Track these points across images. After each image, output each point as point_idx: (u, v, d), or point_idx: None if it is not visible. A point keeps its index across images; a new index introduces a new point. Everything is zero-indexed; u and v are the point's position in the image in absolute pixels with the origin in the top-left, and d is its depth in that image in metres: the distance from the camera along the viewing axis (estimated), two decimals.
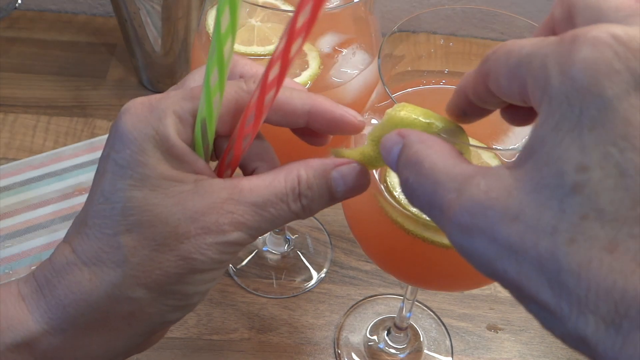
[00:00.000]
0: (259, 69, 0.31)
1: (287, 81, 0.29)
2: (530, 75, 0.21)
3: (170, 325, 0.30)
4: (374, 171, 0.36)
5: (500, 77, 0.23)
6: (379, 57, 0.35)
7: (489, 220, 0.20)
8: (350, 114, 0.30)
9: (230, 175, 0.29)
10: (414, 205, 0.24)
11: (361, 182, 0.29)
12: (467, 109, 0.28)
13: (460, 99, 0.27)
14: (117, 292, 0.26)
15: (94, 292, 0.26)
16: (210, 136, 0.28)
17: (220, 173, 0.29)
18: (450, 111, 0.28)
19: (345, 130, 0.30)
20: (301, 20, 0.24)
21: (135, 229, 0.26)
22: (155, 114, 0.27)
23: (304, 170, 0.28)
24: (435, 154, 0.24)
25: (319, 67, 0.42)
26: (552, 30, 0.25)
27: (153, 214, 0.26)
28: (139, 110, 0.27)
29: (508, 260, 0.20)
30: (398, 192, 0.36)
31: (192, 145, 0.28)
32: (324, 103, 0.29)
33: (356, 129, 0.30)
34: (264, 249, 0.64)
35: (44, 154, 0.68)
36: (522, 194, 0.19)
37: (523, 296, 0.21)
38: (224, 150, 0.29)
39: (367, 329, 0.58)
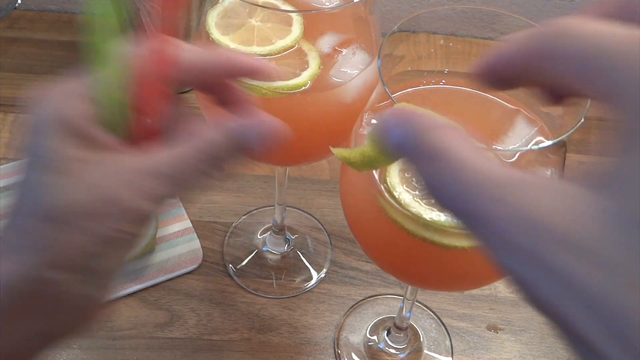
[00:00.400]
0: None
1: (187, 45, 0.30)
2: (615, 77, 0.17)
3: (102, 305, 0.30)
4: (374, 171, 0.36)
5: (565, 64, 0.19)
6: (379, 57, 0.35)
7: (551, 248, 0.17)
8: (253, 57, 0.31)
9: (147, 146, 0.30)
10: (435, 201, 0.20)
11: (270, 142, 0.30)
12: (496, 79, 0.24)
13: (498, 65, 0.23)
14: (35, 275, 0.27)
15: (14, 278, 0.27)
16: (120, 110, 0.28)
17: (135, 144, 0.30)
18: (481, 74, 0.24)
19: (251, 72, 0.31)
20: None
21: (46, 212, 0.27)
22: (57, 97, 0.28)
23: (213, 135, 0.29)
24: (461, 146, 0.20)
25: (319, 67, 0.42)
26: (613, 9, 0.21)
27: (61, 196, 0.27)
28: (42, 97, 0.28)
29: (569, 301, 0.17)
30: (398, 192, 0.36)
31: (106, 122, 0.28)
32: (223, 51, 0.31)
33: (260, 69, 0.31)
34: (263, 249, 0.64)
35: None
36: (604, 227, 0.16)
37: (571, 334, 0.19)
38: (139, 121, 0.30)
39: (367, 329, 0.58)
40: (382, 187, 0.36)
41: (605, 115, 0.18)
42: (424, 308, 0.59)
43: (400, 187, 0.36)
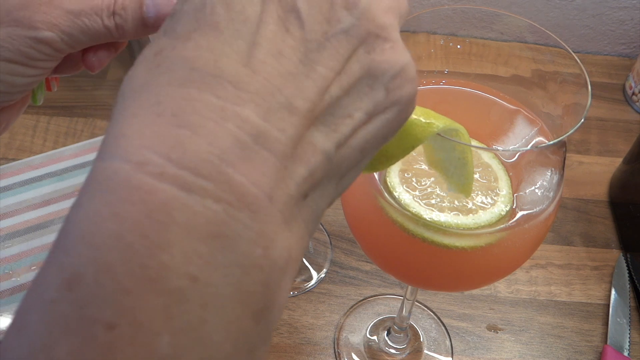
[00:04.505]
0: None
1: None
2: None
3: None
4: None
5: None
6: None
7: None
8: None
9: None
10: None
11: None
12: None
13: None
14: None
15: None
16: None
17: None
18: None
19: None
20: None
21: None
22: None
23: None
24: None
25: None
26: None
27: None
28: None
29: None
30: (398, 192, 0.36)
31: None
32: None
33: None
34: None
35: (44, 154, 0.68)
36: None
37: None
38: None
39: (367, 329, 0.58)
40: (382, 187, 0.36)
41: (605, 115, 0.18)
42: (424, 308, 0.59)
43: (400, 187, 0.36)
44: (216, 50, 0.18)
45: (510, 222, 0.36)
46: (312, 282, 0.61)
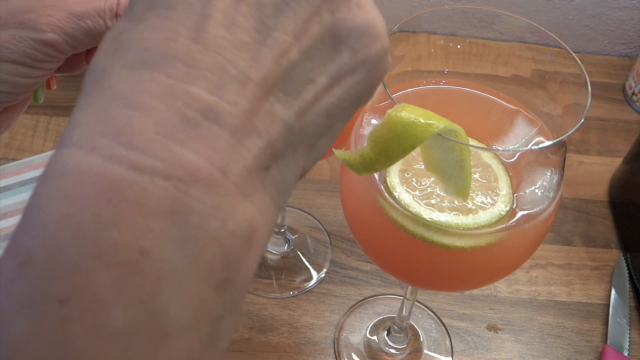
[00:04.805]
0: None
1: None
2: None
3: None
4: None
5: None
6: None
7: None
8: None
9: None
10: None
11: None
12: None
13: None
14: None
15: None
16: None
17: None
18: None
19: None
20: None
21: None
22: None
23: None
24: None
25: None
26: None
27: None
28: None
29: None
30: (398, 192, 0.36)
31: None
32: None
33: None
34: None
35: (44, 154, 0.67)
36: None
37: None
38: None
39: (367, 329, 0.58)
40: (382, 187, 0.36)
41: (605, 115, 0.18)
42: (424, 308, 0.59)
43: (400, 187, 0.36)
44: (168, 29, 0.18)
45: (510, 222, 0.36)
46: (312, 282, 0.61)
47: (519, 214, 0.36)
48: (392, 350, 0.57)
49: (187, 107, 0.17)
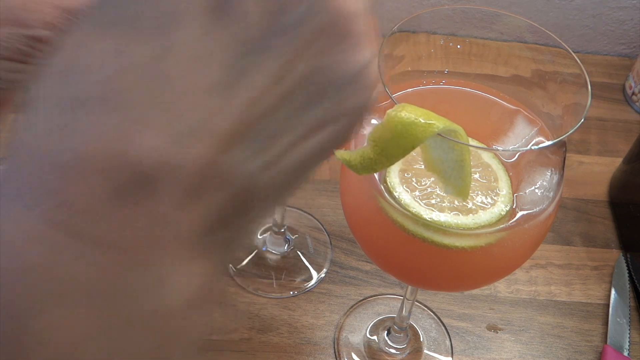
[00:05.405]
0: None
1: None
2: None
3: None
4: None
5: None
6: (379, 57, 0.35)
7: None
8: None
9: None
10: None
11: None
12: None
13: None
14: None
15: None
16: None
17: None
18: None
19: None
20: None
21: None
22: None
23: None
24: None
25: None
26: None
27: None
28: None
29: None
30: (398, 192, 0.36)
31: None
32: None
33: None
34: (263, 249, 0.64)
35: None
36: None
37: None
38: None
39: (367, 329, 0.58)
40: (382, 187, 0.36)
41: (605, 115, 0.18)
42: (424, 308, 0.59)
43: (400, 187, 0.36)
44: (127, 68, 0.16)
45: (510, 222, 0.36)
46: (312, 282, 0.61)
47: (519, 214, 0.36)
48: (392, 350, 0.57)
49: (133, 166, 0.15)
